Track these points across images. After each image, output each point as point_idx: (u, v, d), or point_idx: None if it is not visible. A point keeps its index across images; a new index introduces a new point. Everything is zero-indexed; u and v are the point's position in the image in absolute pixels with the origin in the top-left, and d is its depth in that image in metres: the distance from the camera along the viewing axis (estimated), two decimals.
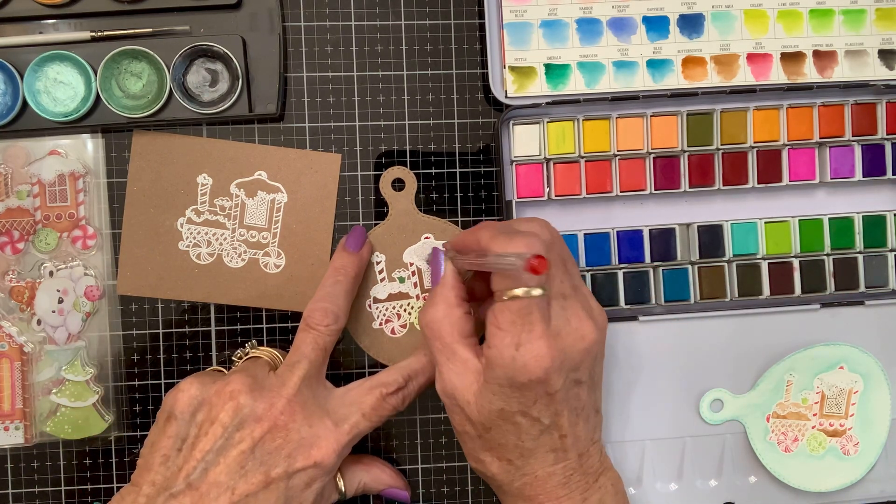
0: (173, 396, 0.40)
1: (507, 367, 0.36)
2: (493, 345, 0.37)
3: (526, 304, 0.36)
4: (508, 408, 0.37)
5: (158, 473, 0.38)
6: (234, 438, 0.38)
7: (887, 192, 0.50)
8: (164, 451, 0.39)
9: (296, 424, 0.39)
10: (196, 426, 0.39)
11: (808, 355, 0.48)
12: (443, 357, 0.39)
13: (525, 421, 0.38)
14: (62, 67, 0.45)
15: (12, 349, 0.46)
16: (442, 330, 0.39)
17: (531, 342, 0.36)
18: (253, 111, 0.47)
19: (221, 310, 0.48)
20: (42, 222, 0.46)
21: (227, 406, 0.39)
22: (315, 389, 0.41)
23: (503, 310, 0.36)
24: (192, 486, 0.37)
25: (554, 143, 0.47)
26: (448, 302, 0.40)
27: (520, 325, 0.36)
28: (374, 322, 0.48)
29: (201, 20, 0.47)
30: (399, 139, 0.49)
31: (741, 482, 0.49)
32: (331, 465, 0.40)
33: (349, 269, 0.44)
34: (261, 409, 0.39)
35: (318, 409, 0.40)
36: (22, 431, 0.46)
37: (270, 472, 0.38)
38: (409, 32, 0.48)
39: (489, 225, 0.40)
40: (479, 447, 0.40)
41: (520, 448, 0.39)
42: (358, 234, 0.46)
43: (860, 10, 0.49)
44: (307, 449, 0.39)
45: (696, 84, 0.48)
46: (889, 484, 0.49)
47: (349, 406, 0.41)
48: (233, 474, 0.38)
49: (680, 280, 0.48)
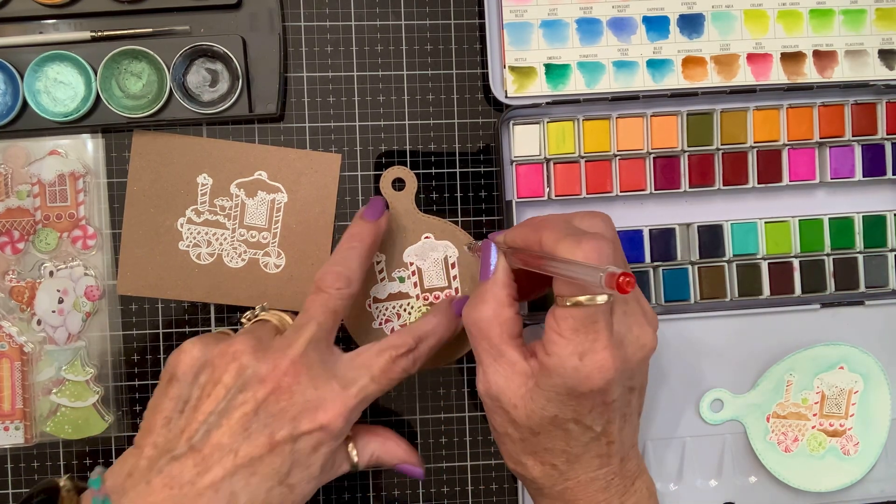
0: (176, 358, 0.39)
1: (569, 377, 0.35)
2: (553, 352, 0.35)
3: (592, 313, 0.34)
4: (562, 415, 0.36)
5: (160, 435, 0.37)
6: (237, 400, 0.37)
7: (887, 192, 0.50)
8: (166, 412, 0.38)
9: (300, 387, 0.38)
10: (198, 388, 0.38)
11: (808, 355, 0.48)
12: (489, 357, 0.38)
13: (577, 428, 0.37)
14: (62, 67, 0.45)
15: (12, 349, 0.46)
16: (491, 330, 0.38)
17: (595, 353, 0.34)
18: (253, 111, 0.47)
19: (221, 310, 0.48)
20: (42, 222, 0.46)
21: (231, 367, 0.38)
22: (323, 353, 0.40)
23: (566, 317, 0.35)
24: (195, 449, 0.36)
25: (554, 143, 0.47)
26: (499, 301, 0.38)
27: (583, 333, 0.34)
28: (373, 322, 0.48)
29: (201, 20, 0.47)
30: (399, 139, 0.49)
31: (741, 482, 0.49)
32: (338, 430, 0.38)
33: (365, 236, 0.43)
34: (264, 370, 0.38)
35: (325, 371, 0.39)
36: (22, 431, 0.46)
37: (275, 434, 0.37)
38: (409, 32, 0.48)
39: (551, 223, 0.37)
40: (522, 450, 0.39)
41: (567, 454, 0.38)
42: (376, 204, 0.44)
43: (860, 10, 0.49)
44: (312, 412, 0.38)
45: (696, 84, 0.48)
46: (889, 484, 0.49)
47: (358, 369, 0.40)
48: (236, 436, 0.37)
49: (680, 280, 0.48)
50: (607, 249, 0.34)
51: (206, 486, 0.36)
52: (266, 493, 0.37)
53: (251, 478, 0.37)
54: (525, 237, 0.38)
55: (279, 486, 0.37)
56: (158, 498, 0.36)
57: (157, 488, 0.36)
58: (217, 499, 0.36)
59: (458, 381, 0.49)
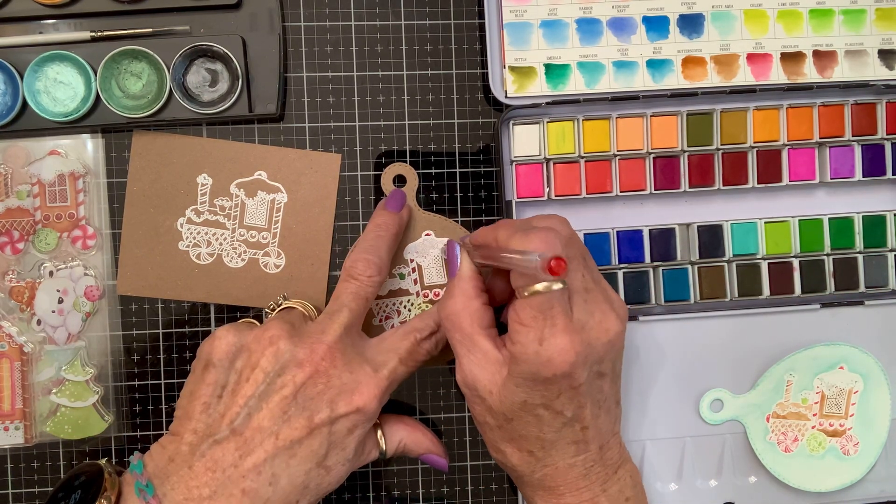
0: (210, 344, 0.40)
1: (532, 362, 0.36)
2: (516, 340, 0.36)
3: (547, 299, 0.36)
4: (531, 400, 0.37)
5: (200, 421, 0.38)
6: (276, 384, 0.38)
7: (887, 192, 0.50)
8: (205, 398, 0.38)
9: (336, 370, 0.39)
10: (236, 373, 0.39)
11: (808, 355, 0.48)
12: (463, 348, 0.39)
13: (547, 413, 0.38)
14: (62, 67, 0.45)
15: (12, 349, 0.46)
16: (461, 321, 0.39)
17: (554, 336, 0.36)
18: (253, 111, 0.47)
19: (221, 310, 0.48)
20: (42, 222, 0.46)
21: (268, 351, 0.39)
22: (354, 338, 0.41)
23: (524, 306, 0.36)
24: (236, 432, 0.37)
25: (554, 143, 0.47)
26: (466, 294, 0.40)
27: (541, 319, 0.36)
28: (374, 318, 0.48)
29: (201, 20, 0.47)
30: (399, 139, 0.49)
31: (741, 482, 0.49)
32: (372, 411, 0.40)
33: (391, 225, 0.44)
34: (302, 354, 0.39)
35: (357, 356, 0.40)
36: (22, 431, 0.46)
37: (314, 417, 0.38)
38: (409, 32, 0.48)
39: (507, 222, 0.40)
40: (500, 438, 0.40)
41: (541, 440, 0.39)
42: (398, 196, 0.46)
43: (860, 10, 0.49)
44: (349, 395, 0.39)
45: (696, 84, 0.48)
46: (889, 484, 0.49)
47: (386, 353, 0.41)
48: (276, 419, 0.38)
49: (680, 280, 0.48)
50: (554, 240, 0.36)
51: (249, 468, 0.37)
52: (305, 474, 0.38)
53: (291, 459, 0.38)
54: (484, 235, 0.41)
55: (317, 468, 0.38)
56: (201, 481, 0.37)
57: (199, 472, 0.37)
58: (259, 481, 0.37)
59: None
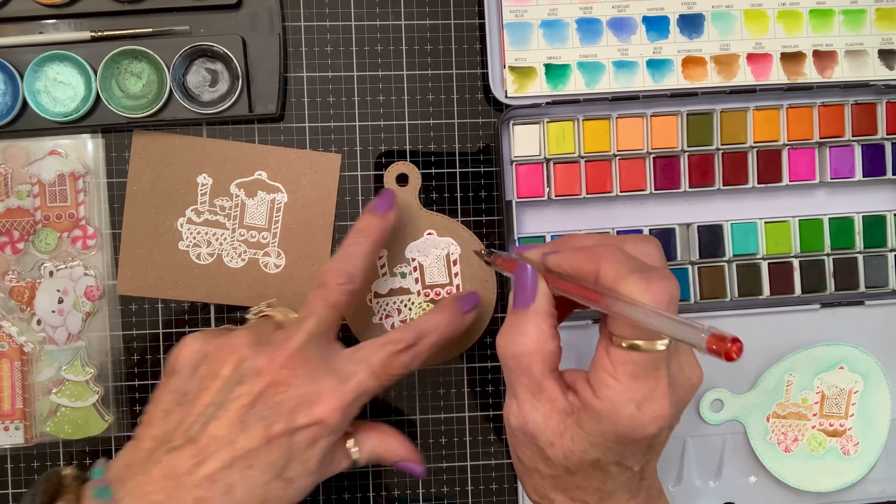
0: (176, 351, 0.39)
1: (623, 424, 0.32)
2: (605, 396, 0.33)
3: (654, 360, 0.32)
4: (605, 459, 0.34)
5: (159, 427, 0.38)
6: (235, 392, 0.37)
7: (887, 192, 0.50)
8: (165, 405, 0.38)
9: (298, 380, 0.38)
10: (197, 380, 0.38)
11: (808, 355, 0.48)
12: (527, 392, 0.36)
13: (617, 469, 0.35)
14: (62, 67, 0.45)
15: (12, 349, 0.46)
16: (533, 365, 0.35)
17: (654, 401, 0.32)
18: (253, 111, 0.47)
19: (221, 310, 0.48)
20: (42, 222, 0.46)
21: (229, 360, 0.38)
22: (323, 347, 0.39)
23: (625, 361, 0.32)
24: (192, 440, 0.37)
25: (554, 143, 0.47)
26: (542, 333, 0.36)
27: (643, 381, 0.32)
28: (374, 317, 0.48)
29: (201, 20, 0.47)
30: (399, 139, 0.49)
31: (741, 482, 0.49)
32: (335, 424, 0.38)
33: (372, 231, 0.42)
34: (262, 363, 0.38)
35: (323, 365, 0.39)
36: (22, 431, 0.46)
37: (271, 427, 0.37)
38: (409, 32, 0.48)
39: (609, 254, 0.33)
40: (551, 486, 0.37)
41: (601, 492, 0.36)
42: (387, 197, 0.44)
43: (860, 10, 0.49)
44: (309, 405, 0.38)
45: (696, 84, 0.48)
46: (889, 484, 0.49)
47: (357, 364, 0.39)
48: (233, 428, 0.37)
49: (680, 280, 0.48)
50: (677, 293, 0.32)
51: (203, 476, 0.36)
52: (263, 486, 0.37)
53: (248, 470, 0.37)
54: (577, 265, 0.35)
55: (276, 480, 0.37)
56: (156, 487, 0.36)
57: (155, 478, 0.36)
58: (213, 490, 0.36)
59: (459, 380, 0.49)
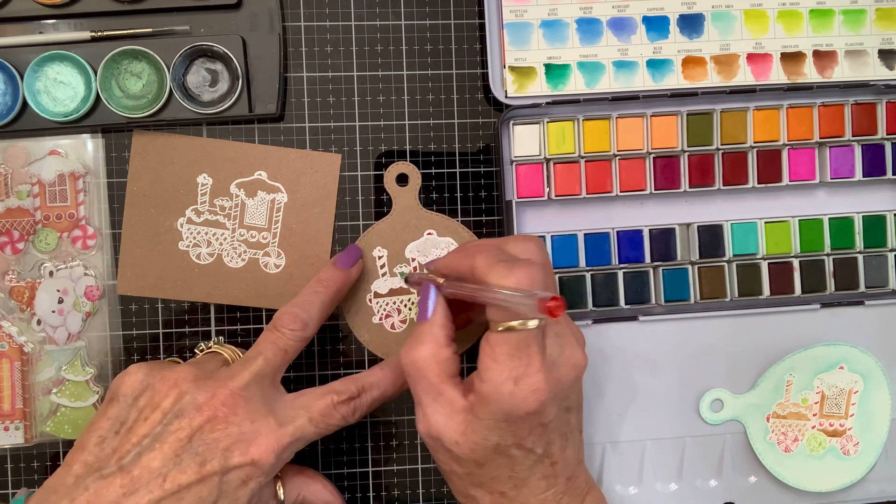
0: (120, 379, 0.39)
1: (505, 402, 0.35)
2: (488, 378, 0.35)
3: (525, 337, 0.35)
4: (504, 442, 0.36)
5: (91, 454, 0.37)
6: (172, 426, 0.37)
7: (887, 192, 0.50)
8: (101, 431, 0.38)
9: (237, 418, 0.38)
10: (136, 410, 0.38)
11: (808, 355, 0.48)
12: (428, 397, 0.38)
13: (520, 453, 0.37)
14: (62, 67, 0.45)
15: (12, 349, 0.46)
16: (429, 370, 0.38)
17: (530, 376, 0.35)
18: (253, 111, 0.47)
19: (221, 310, 0.48)
20: (42, 222, 0.46)
21: (170, 393, 0.38)
22: (265, 389, 0.40)
23: (500, 342, 0.35)
24: (124, 470, 0.36)
25: (554, 143, 0.47)
26: (437, 341, 0.38)
27: (518, 358, 0.35)
28: (374, 317, 0.48)
29: (201, 20, 0.47)
30: (399, 139, 0.49)
31: (741, 482, 0.49)
32: (268, 466, 0.38)
33: (332, 282, 0.44)
34: (202, 398, 0.38)
35: (264, 407, 0.39)
36: (22, 431, 0.46)
37: (205, 464, 0.37)
38: (409, 32, 0.48)
39: (482, 249, 0.38)
40: (469, 484, 0.39)
41: (513, 479, 0.38)
42: (351, 253, 0.46)
43: (860, 10, 0.49)
44: (245, 445, 0.38)
45: (696, 84, 0.48)
46: (889, 484, 0.49)
47: (297, 409, 0.40)
48: (167, 462, 0.37)
49: (680, 280, 0.48)
50: (538, 275, 0.35)
51: None
52: None
53: None
54: (456, 263, 0.39)
55: None
56: None
57: None
58: None
59: None
